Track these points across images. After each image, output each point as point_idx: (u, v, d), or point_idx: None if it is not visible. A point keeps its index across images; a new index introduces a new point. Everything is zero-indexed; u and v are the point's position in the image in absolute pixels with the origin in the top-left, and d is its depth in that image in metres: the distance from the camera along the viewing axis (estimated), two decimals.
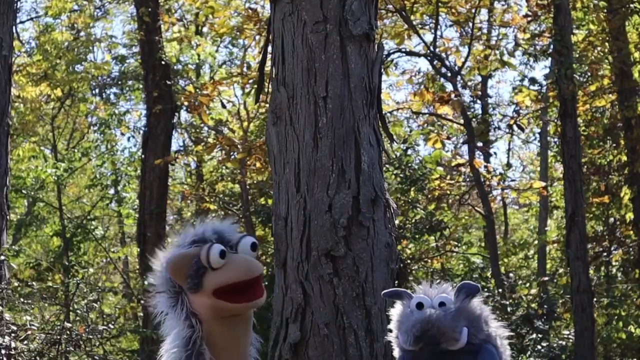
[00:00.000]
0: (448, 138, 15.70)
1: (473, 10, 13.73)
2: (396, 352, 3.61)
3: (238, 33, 14.66)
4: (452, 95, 12.74)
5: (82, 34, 19.85)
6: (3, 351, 7.83)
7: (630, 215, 15.26)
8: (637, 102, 14.74)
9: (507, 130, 17.51)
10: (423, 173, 13.74)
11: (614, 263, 16.38)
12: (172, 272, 2.73)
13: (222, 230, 2.80)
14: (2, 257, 9.28)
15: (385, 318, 4.82)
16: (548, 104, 15.45)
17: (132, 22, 20.49)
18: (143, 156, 16.45)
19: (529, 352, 10.94)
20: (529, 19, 13.55)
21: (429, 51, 13.03)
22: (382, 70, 5.72)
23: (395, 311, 3.56)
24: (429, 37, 14.39)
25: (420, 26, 14.25)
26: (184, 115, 19.26)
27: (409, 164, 13.81)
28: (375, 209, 5.08)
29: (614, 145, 15.68)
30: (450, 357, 3.40)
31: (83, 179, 22.94)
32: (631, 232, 15.30)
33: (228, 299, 2.72)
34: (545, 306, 11.80)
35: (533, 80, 14.71)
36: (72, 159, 18.13)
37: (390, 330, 3.59)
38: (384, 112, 5.71)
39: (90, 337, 9.00)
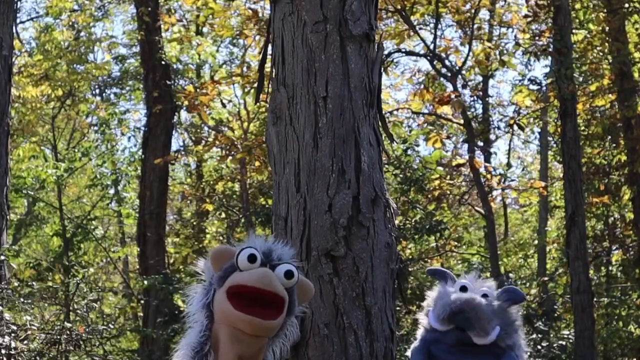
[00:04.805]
0: (448, 138, 15.69)
1: (473, 10, 13.72)
2: (419, 333, 3.57)
3: (239, 34, 14.65)
4: (452, 95, 12.73)
5: (82, 34, 19.86)
6: (3, 351, 7.83)
7: (630, 215, 15.26)
8: (637, 102, 14.73)
9: (507, 130, 17.50)
10: (423, 173, 13.73)
11: (614, 263, 16.37)
12: (212, 258, 2.89)
13: (273, 249, 2.89)
14: (2, 257, 9.28)
15: (385, 318, 4.84)
16: (548, 104, 15.45)
17: (132, 22, 20.50)
18: (143, 156, 16.45)
19: (529, 353, 10.93)
20: (529, 19, 13.54)
21: (428, 51, 13.02)
22: (382, 70, 5.71)
23: (434, 291, 3.57)
24: (429, 37, 14.39)
25: (420, 26, 14.24)
26: (184, 115, 19.28)
27: (409, 164, 13.80)
28: (375, 209, 5.07)
29: (614, 145, 15.67)
30: (471, 352, 3.35)
31: (83, 179, 22.94)
32: (631, 232, 15.29)
33: (234, 303, 2.76)
34: (545, 307, 11.79)
35: (533, 80, 14.70)
36: (72, 159, 18.12)
37: (422, 308, 3.56)
38: (384, 112, 5.70)
39: (90, 337, 9.01)
